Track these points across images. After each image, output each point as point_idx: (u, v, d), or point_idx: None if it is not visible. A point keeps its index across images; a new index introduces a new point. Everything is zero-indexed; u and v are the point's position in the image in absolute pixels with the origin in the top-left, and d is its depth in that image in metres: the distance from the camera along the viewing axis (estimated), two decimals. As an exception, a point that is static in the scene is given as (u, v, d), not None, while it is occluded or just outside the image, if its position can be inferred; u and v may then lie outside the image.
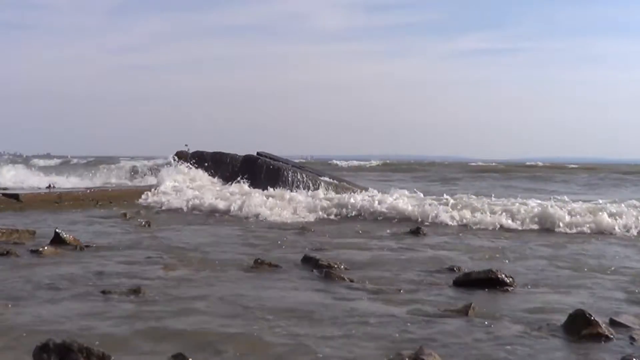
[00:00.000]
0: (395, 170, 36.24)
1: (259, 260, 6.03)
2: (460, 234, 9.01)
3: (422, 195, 12.42)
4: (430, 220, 10.41)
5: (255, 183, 14.50)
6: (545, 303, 4.65)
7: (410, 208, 11.03)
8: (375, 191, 13.08)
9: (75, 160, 43.56)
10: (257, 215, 10.93)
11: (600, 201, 10.94)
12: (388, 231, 9.15)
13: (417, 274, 5.75)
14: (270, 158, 16.01)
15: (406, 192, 12.45)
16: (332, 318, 4.10)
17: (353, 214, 11.29)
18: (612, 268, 6.21)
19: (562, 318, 4.08)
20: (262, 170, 15.20)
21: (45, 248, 6.50)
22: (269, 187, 13.65)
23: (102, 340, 3.45)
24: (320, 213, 11.30)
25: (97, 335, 3.59)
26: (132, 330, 3.75)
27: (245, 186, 13.74)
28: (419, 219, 10.48)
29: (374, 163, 46.13)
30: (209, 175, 16.09)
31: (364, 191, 13.74)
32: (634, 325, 4.00)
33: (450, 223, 10.18)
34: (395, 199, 11.66)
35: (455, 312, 4.28)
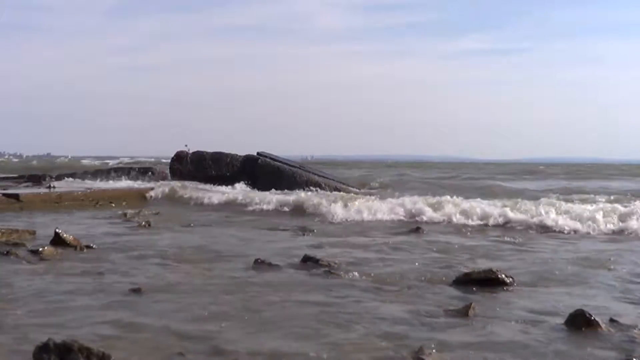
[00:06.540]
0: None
1: (259, 260, 6.03)
2: (461, 233, 9.01)
3: None
4: None
5: (255, 183, 14.50)
6: (545, 302, 4.65)
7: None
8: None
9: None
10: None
11: None
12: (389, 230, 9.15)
13: (417, 273, 5.74)
14: (271, 158, 15.96)
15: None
16: (331, 318, 4.11)
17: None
18: (612, 267, 6.21)
19: (562, 318, 4.08)
20: (264, 171, 15.19)
21: (45, 248, 6.49)
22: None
23: (102, 339, 3.45)
24: None
25: (98, 334, 3.59)
26: (132, 329, 3.75)
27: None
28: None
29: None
30: (210, 174, 16.02)
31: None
32: (634, 325, 4.00)
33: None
34: None
35: (456, 312, 4.28)
